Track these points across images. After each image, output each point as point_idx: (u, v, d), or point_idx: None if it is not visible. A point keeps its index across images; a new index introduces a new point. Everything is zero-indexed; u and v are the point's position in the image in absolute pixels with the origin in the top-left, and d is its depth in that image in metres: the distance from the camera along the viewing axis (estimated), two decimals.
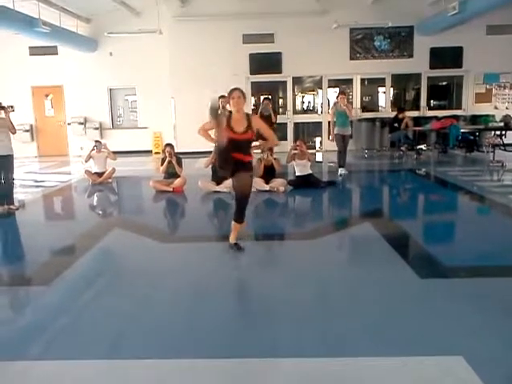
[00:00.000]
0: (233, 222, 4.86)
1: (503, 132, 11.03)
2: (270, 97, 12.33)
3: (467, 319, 3.29)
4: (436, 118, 12.75)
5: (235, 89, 4.67)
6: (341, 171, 9.73)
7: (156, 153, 14.20)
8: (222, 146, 4.61)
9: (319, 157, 13.15)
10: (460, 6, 10.29)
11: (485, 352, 2.84)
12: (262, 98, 12.34)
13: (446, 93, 14.92)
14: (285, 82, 14.26)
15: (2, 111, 6.97)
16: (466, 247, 5.07)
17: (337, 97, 10.10)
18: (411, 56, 13.86)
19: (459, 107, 14.26)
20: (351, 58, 13.89)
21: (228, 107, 4.86)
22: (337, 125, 9.62)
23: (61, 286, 4.19)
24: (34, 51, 14.13)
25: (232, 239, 4.89)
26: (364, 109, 14.41)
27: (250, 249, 5.08)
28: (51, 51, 14.02)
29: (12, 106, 7.15)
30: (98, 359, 2.91)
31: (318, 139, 14.66)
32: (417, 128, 12.22)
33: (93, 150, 9.61)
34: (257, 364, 2.81)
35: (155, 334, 3.18)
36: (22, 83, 14.33)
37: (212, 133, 5.10)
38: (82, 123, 14.53)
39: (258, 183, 8.05)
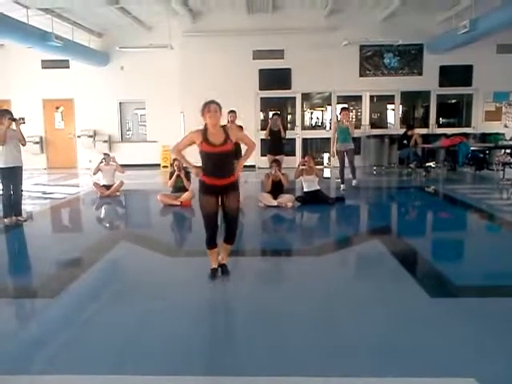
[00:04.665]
0: (224, 244, 4.57)
1: None
2: (279, 112, 12.36)
3: (479, 340, 3.21)
4: (445, 135, 12.71)
5: (212, 101, 4.23)
6: (343, 187, 9.74)
7: (164, 166, 14.24)
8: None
9: (327, 173, 13.11)
10: (471, 24, 10.30)
11: (498, 374, 2.77)
12: (271, 113, 12.37)
13: (455, 111, 14.88)
14: (294, 98, 14.31)
15: (13, 123, 7.03)
16: (475, 266, 5.00)
17: (340, 113, 10.11)
18: (421, 74, 13.88)
19: (468, 125, 14.22)
20: (361, 75, 13.94)
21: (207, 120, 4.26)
22: (339, 141, 9.67)
23: (66, 299, 4.16)
24: (46, 64, 14.28)
25: (225, 260, 4.63)
26: (373, 125, 14.41)
27: (257, 264, 5.04)
28: (63, 65, 14.17)
29: (23, 118, 7.22)
30: (101, 374, 2.87)
31: (326, 155, 14.64)
32: (426, 145, 12.19)
33: (101, 162, 9.66)
34: (260, 382, 2.75)
35: (159, 350, 3.13)
36: (34, 96, 14.48)
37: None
38: (91, 136, 14.61)
39: (266, 199, 8.03)
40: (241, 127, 7.42)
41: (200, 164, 4.35)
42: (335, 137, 9.78)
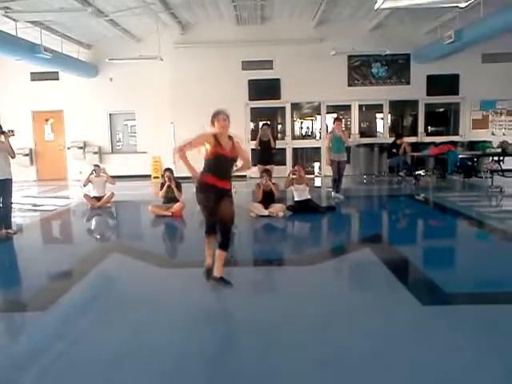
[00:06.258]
0: (218, 251, 4.50)
1: (501, 158, 11.10)
2: (269, 122, 12.45)
3: (471, 347, 3.23)
4: (434, 143, 12.84)
5: (221, 111, 4.56)
6: (334, 195, 9.78)
7: (155, 177, 14.22)
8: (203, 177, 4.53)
9: (318, 182, 13.17)
10: (456, 34, 10.46)
11: (491, 382, 2.78)
12: (261, 123, 12.43)
13: (443, 119, 15.05)
14: (283, 108, 14.42)
15: (2, 136, 6.99)
16: (466, 273, 5.03)
17: (333, 123, 10.21)
18: (408, 83, 14.06)
19: (456, 133, 14.40)
20: (349, 85, 14.09)
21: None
22: (333, 151, 9.72)
23: (57, 312, 4.13)
24: (36, 77, 14.25)
25: (220, 272, 4.47)
26: (362, 134, 14.53)
27: (250, 274, 5.04)
28: (52, 77, 14.15)
29: (12, 131, 7.17)
30: None
31: (316, 164, 14.72)
32: (415, 154, 12.30)
33: (91, 174, 9.62)
34: None
35: (151, 362, 3.11)
36: (23, 108, 14.43)
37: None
38: (81, 147, 14.57)
39: (257, 208, 8.04)
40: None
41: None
42: (329, 146, 9.85)
